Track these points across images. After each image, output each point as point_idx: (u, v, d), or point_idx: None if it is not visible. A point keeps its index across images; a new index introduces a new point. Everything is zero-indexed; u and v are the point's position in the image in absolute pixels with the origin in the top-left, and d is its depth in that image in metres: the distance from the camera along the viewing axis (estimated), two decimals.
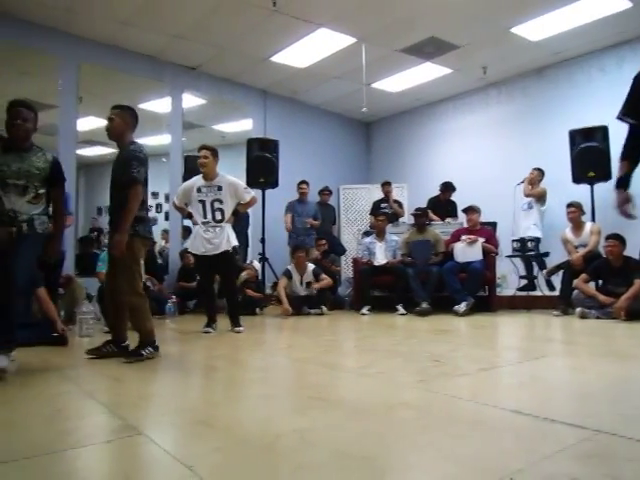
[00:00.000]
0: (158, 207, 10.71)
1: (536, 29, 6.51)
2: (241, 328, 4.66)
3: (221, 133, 10.57)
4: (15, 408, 2.22)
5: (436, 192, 7.74)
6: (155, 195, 10.60)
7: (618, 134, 6.44)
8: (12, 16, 6.06)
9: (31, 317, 4.04)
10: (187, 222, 7.79)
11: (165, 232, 8.73)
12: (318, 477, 1.39)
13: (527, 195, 6.84)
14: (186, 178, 7.51)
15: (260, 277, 6.99)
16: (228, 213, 4.65)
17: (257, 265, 6.91)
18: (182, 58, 7.42)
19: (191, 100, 8.19)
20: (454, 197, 7.62)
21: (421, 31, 6.60)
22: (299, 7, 5.95)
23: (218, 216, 4.63)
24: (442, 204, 7.53)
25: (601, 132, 6.33)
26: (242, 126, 9.52)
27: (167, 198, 8.71)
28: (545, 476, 1.33)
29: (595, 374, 2.76)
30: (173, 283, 6.95)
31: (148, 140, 10.60)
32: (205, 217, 4.62)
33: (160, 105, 8.41)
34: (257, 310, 6.32)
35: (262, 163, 7.21)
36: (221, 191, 4.62)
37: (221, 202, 4.62)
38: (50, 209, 3.13)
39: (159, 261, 7.37)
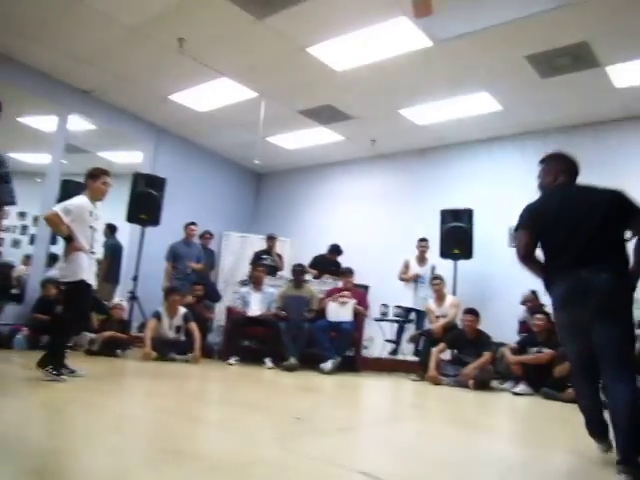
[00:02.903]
0: (24, 229, 9.92)
1: (422, 114, 7.15)
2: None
3: (107, 162, 10.19)
4: None
5: (320, 250, 7.95)
6: (22, 215, 9.82)
7: (481, 217, 7.16)
8: None
9: None
10: (55, 249, 7.31)
11: (27, 257, 8.07)
12: None
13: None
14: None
15: (127, 317, 6.64)
16: None
17: (125, 305, 6.58)
18: (76, 80, 7.11)
19: (78, 123, 7.82)
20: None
21: (320, 98, 6.96)
22: (204, 53, 6.03)
23: (95, 247, 4.32)
24: (327, 263, 7.72)
25: (467, 214, 7.01)
26: (131, 158, 9.24)
27: (36, 220, 8.12)
28: None
29: (441, 439, 2.94)
30: (27, 313, 6.34)
31: (25, 157, 9.96)
32: (92, 247, 4.22)
33: (43, 123, 7.95)
34: (118, 352, 5.94)
35: (146, 200, 7.01)
36: (98, 221, 4.33)
37: (97, 233, 4.33)
38: None
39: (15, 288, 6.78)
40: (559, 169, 2.75)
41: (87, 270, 4.09)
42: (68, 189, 7.14)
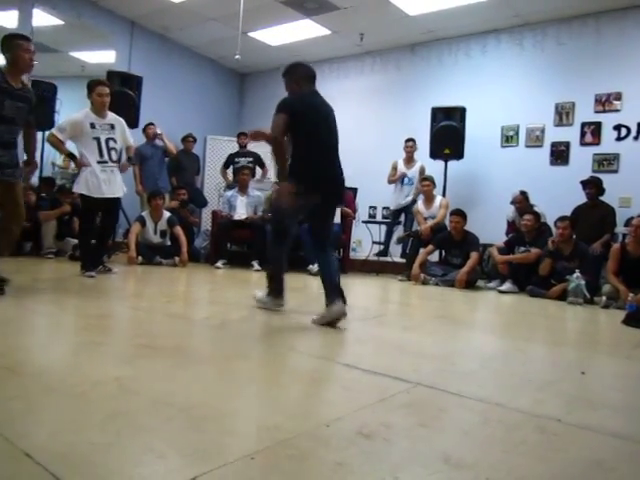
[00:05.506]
0: None
1: (413, 2, 6.64)
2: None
3: (80, 62, 9.58)
4: None
5: None
6: None
7: (473, 116, 6.90)
8: None
9: None
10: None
11: None
12: (131, 425, 1.29)
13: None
14: (35, 106, 6.70)
15: None
16: (119, 154, 4.56)
17: None
18: None
19: (44, 18, 7.23)
20: None
21: None
22: None
23: (114, 156, 4.46)
24: None
25: (459, 112, 6.72)
26: (105, 57, 8.68)
27: None
28: (360, 424, 1.35)
29: (425, 333, 2.94)
30: None
31: None
32: (102, 156, 4.37)
33: (3, 18, 7.34)
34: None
35: (121, 99, 6.60)
36: (114, 130, 4.47)
37: (115, 141, 4.47)
38: None
39: None
40: (300, 77, 3.11)
41: (96, 181, 4.28)
42: (38, 91, 6.72)
